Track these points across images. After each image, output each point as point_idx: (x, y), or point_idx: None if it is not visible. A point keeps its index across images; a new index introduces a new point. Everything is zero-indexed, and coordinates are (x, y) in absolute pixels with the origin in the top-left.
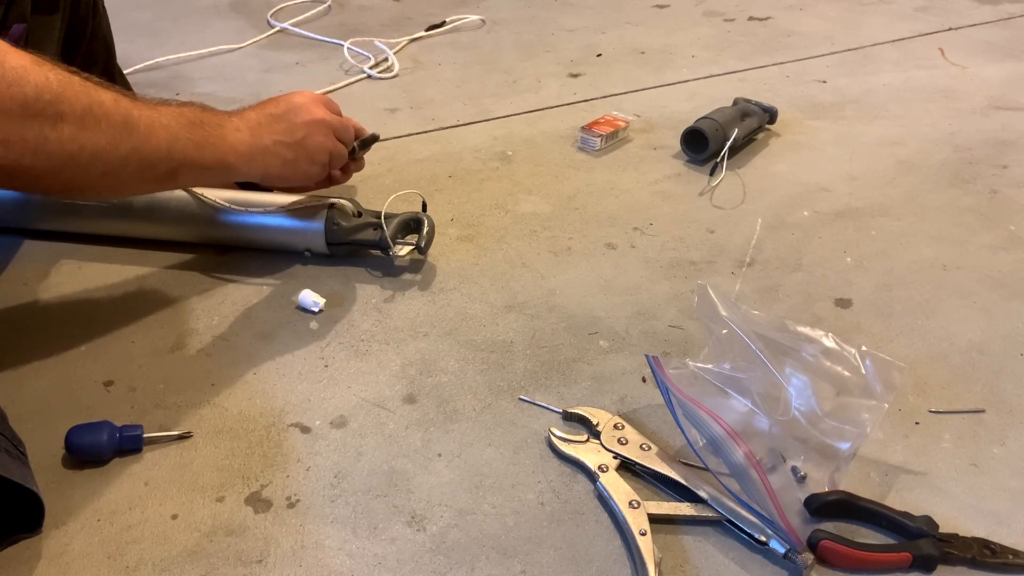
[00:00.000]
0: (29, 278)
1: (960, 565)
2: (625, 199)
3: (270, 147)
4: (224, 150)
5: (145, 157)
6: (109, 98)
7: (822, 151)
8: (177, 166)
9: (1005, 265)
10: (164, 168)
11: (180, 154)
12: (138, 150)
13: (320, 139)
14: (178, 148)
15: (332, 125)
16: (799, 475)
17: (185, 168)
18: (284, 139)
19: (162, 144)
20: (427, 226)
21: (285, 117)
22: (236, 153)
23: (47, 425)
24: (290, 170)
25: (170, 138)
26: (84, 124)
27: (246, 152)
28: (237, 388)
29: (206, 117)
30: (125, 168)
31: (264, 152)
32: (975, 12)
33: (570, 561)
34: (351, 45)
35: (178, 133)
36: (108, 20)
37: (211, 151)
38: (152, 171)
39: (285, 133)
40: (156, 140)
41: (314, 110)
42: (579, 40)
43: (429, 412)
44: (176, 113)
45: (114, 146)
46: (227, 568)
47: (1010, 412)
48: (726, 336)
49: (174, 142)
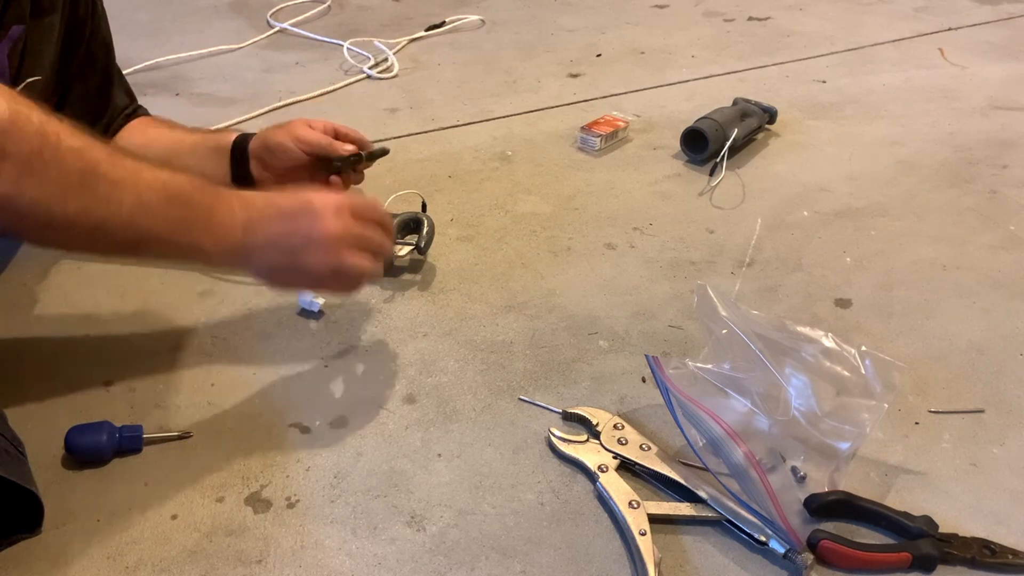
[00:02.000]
0: (29, 278)
1: (960, 565)
2: (625, 199)
3: (260, 246)
4: (203, 237)
5: (99, 221)
6: (73, 146)
7: (822, 151)
8: (139, 239)
9: (1005, 265)
10: (121, 237)
11: (145, 228)
12: (90, 211)
13: (319, 256)
14: (144, 221)
15: (347, 240)
16: (799, 475)
17: (150, 243)
18: (279, 242)
19: (123, 211)
20: (427, 226)
21: (292, 217)
22: (217, 243)
23: (47, 425)
24: (277, 278)
25: (137, 207)
26: (29, 168)
27: (230, 246)
28: (237, 388)
29: (197, 195)
30: (72, 228)
31: (251, 251)
32: (975, 12)
33: (570, 561)
34: (351, 45)
35: (150, 204)
36: (107, 20)
37: (187, 235)
38: (106, 238)
39: (282, 237)
40: (117, 205)
41: (327, 222)
42: (579, 40)
43: (429, 412)
44: (160, 181)
45: (60, 200)
46: (227, 568)
47: (1010, 412)
48: (726, 336)
49: (141, 213)
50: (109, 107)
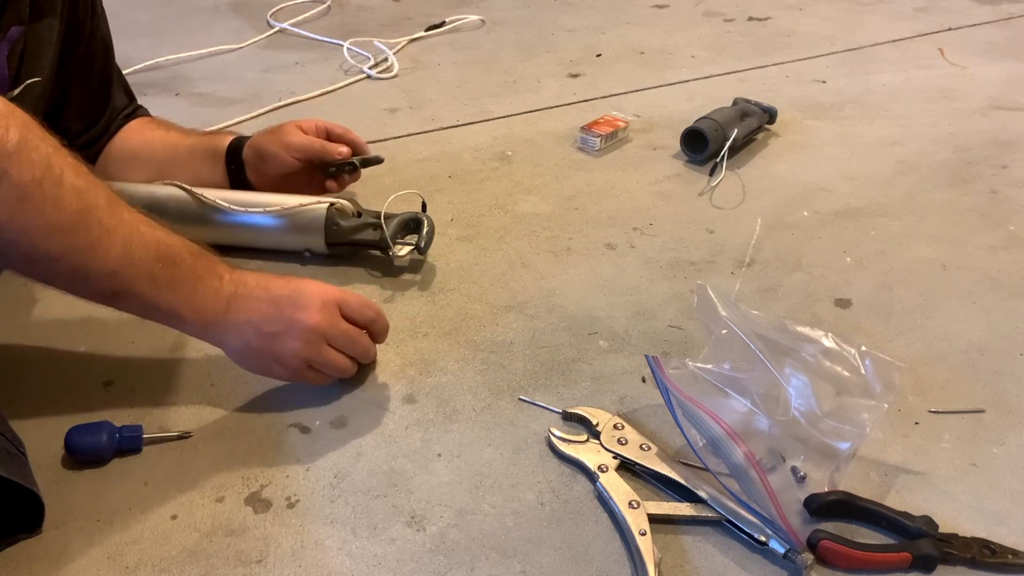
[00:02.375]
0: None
1: (960, 565)
2: (625, 199)
3: (239, 324)
4: (182, 303)
5: (81, 265)
6: (75, 185)
7: (822, 151)
8: (119, 291)
9: (1005, 265)
10: (101, 287)
11: (127, 282)
12: (75, 252)
13: (295, 345)
14: (128, 274)
15: (327, 335)
16: (799, 475)
17: (129, 297)
18: (259, 325)
19: (109, 261)
20: (427, 226)
21: (278, 302)
22: (194, 312)
23: (47, 425)
24: (250, 361)
25: (123, 260)
26: (26, 196)
27: (209, 318)
28: (237, 388)
29: (190, 262)
30: (55, 265)
31: (229, 327)
32: (975, 12)
33: (570, 561)
34: (351, 45)
35: (138, 260)
36: (107, 21)
37: (167, 296)
38: (86, 283)
39: (264, 319)
40: (104, 253)
41: (311, 313)
42: (579, 40)
43: (429, 412)
44: (154, 238)
45: (48, 236)
46: (227, 568)
47: (1010, 412)
48: (726, 336)
49: (126, 265)
50: (108, 107)
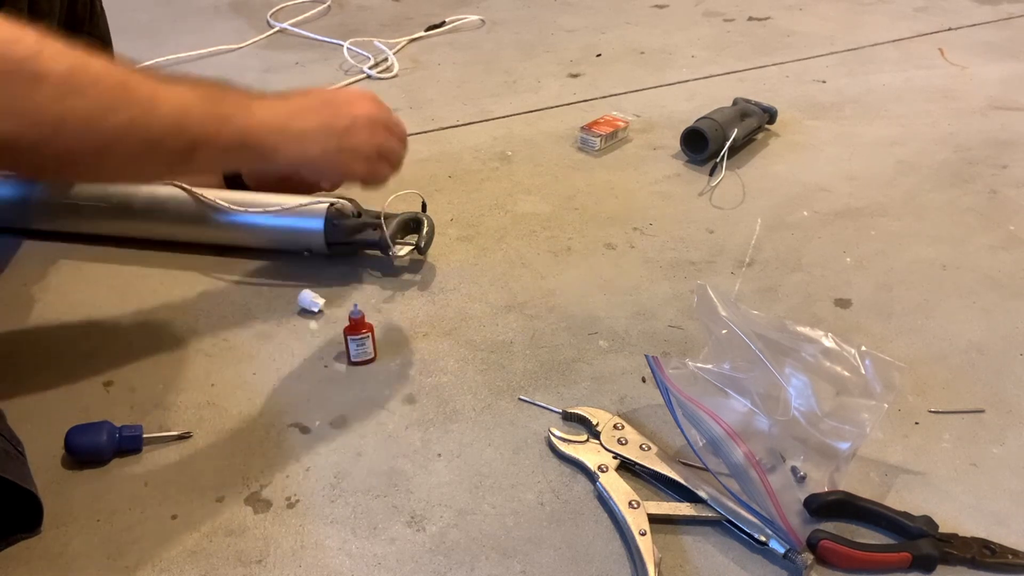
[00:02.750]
0: (29, 278)
1: (960, 565)
2: (625, 199)
3: (309, 132)
4: (251, 126)
5: (149, 130)
6: (99, 63)
7: (822, 151)
8: (191, 144)
9: (1005, 265)
10: (175, 145)
11: (195, 129)
12: (138, 121)
13: (365, 135)
14: (192, 122)
15: (384, 121)
16: (799, 475)
17: (202, 147)
18: (329, 126)
19: (170, 116)
20: (427, 226)
21: (332, 103)
22: (266, 130)
23: (47, 425)
24: (331, 161)
25: (181, 109)
26: (69, 86)
27: (278, 131)
28: (237, 388)
29: (229, 92)
30: (125, 142)
31: (302, 138)
32: (975, 12)
33: (570, 561)
34: (351, 45)
35: (191, 105)
36: (106, 20)
37: (233, 127)
38: (160, 148)
39: (330, 119)
40: (162, 111)
41: (366, 104)
42: (579, 40)
43: (429, 412)
44: (190, 84)
45: (108, 113)
46: (227, 568)
47: (1010, 412)
48: (726, 336)
49: (186, 114)
50: None
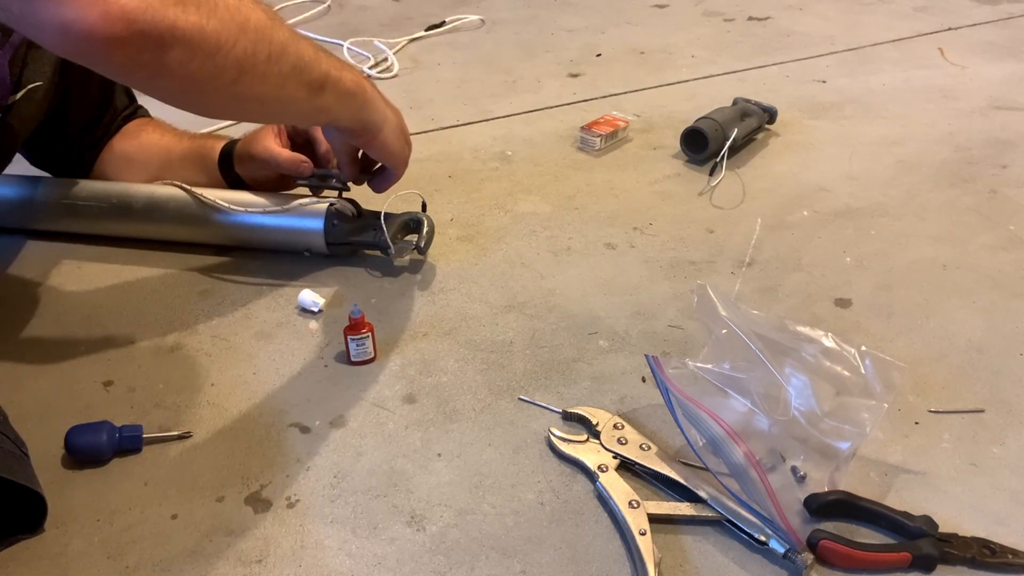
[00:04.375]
0: (29, 278)
1: (960, 565)
2: (625, 199)
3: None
4: (359, 80)
5: (299, 54)
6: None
7: (822, 151)
8: (324, 77)
9: (1005, 265)
10: (314, 75)
11: (326, 66)
12: (290, 44)
13: (406, 137)
14: (323, 59)
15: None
16: (799, 475)
17: (331, 84)
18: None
19: (308, 49)
20: (427, 226)
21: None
22: (369, 85)
23: (47, 425)
24: (399, 136)
25: (315, 47)
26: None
27: (374, 92)
28: (237, 388)
29: None
30: (285, 56)
31: (387, 105)
32: (975, 12)
33: (570, 561)
34: (351, 45)
35: (320, 48)
36: None
37: (351, 74)
38: (305, 73)
39: (387, 102)
40: (303, 43)
41: (402, 120)
42: (579, 40)
43: (429, 412)
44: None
45: (273, 28)
46: (227, 568)
47: (1010, 412)
48: (726, 336)
49: (318, 51)
50: (110, 109)
